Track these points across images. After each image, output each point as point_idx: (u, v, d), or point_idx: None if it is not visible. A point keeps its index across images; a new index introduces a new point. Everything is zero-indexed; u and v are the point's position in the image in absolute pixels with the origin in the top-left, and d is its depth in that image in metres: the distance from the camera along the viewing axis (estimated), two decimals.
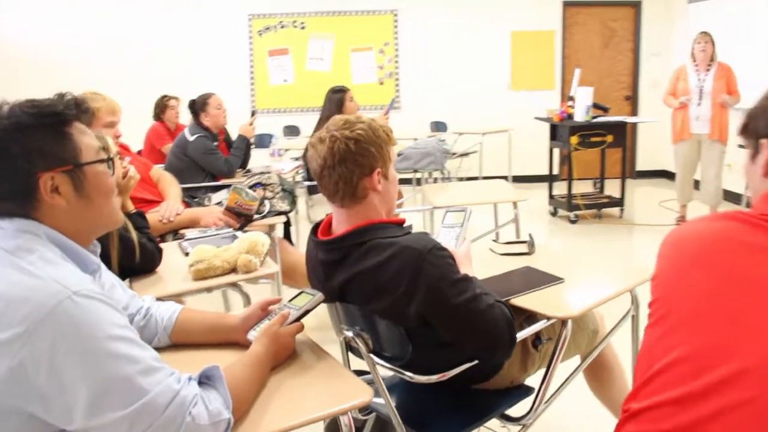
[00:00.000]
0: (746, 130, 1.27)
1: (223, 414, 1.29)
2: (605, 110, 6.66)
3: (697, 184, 6.32)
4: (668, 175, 8.87)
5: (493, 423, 2.13)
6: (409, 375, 1.85)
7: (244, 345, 1.73)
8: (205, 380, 1.35)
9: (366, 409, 2.19)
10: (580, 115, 6.28)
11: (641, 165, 9.17)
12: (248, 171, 5.09)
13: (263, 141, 7.76)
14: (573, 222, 6.54)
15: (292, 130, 8.47)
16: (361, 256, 1.80)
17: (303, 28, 8.74)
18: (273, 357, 1.62)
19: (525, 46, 8.84)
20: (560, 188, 7.08)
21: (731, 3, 7.43)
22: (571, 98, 6.46)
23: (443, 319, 1.74)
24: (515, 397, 2.12)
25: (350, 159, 1.79)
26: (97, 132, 2.59)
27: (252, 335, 1.72)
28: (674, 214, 6.67)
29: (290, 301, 1.80)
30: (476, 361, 1.85)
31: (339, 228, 1.89)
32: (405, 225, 1.91)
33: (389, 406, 1.89)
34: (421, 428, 1.98)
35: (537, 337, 2.15)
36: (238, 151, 4.95)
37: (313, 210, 4.92)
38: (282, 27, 8.73)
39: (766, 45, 6.64)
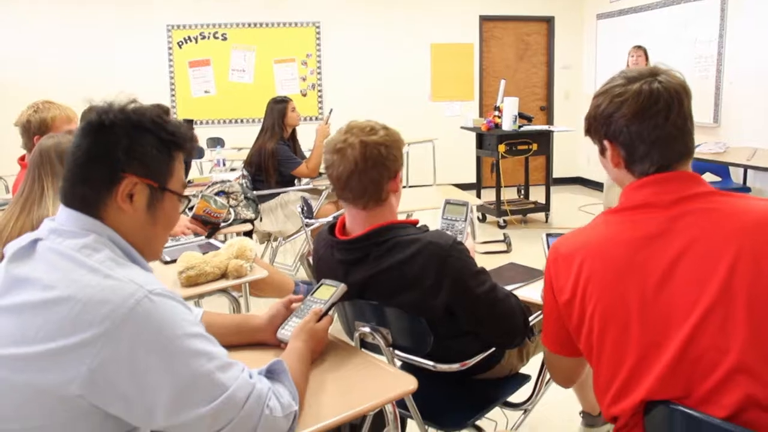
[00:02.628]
0: (590, 132, 1.47)
1: (293, 405, 1.34)
2: (529, 120, 6.95)
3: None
4: (582, 182, 9.31)
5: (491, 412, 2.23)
6: (431, 364, 1.93)
7: (272, 345, 1.77)
8: (269, 375, 1.39)
9: None
10: (507, 125, 6.52)
11: (557, 172, 9.56)
12: (190, 182, 5.03)
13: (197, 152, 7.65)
14: (502, 227, 6.78)
15: (216, 142, 8.35)
16: (384, 253, 1.86)
17: (224, 39, 8.66)
18: (312, 352, 1.67)
19: (445, 58, 9.08)
20: (485, 195, 7.30)
21: (634, 19, 7.94)
22: (497, 108, 6.69)
23: (468, 309, 1.84)
24: (515, 385, 2.23)
25: (381, 163, 1.86)
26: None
27: (283, 334, 1.75)
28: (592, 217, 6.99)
29: (312, 294, 1.83)
30: (494, 348, 1.96)
31: (355, 229, 1.94)
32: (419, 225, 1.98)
33: (409, 399, 1.95)
34: (432, 419, 2.05)
35: (531, 330, 2.27)
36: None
37: (263, 219, 4.89)
38: (203, 38, 8.62)
39: (662, 58, 7.11)
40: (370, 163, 1.84)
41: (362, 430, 2.33)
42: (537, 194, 7.40)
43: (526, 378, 2.27)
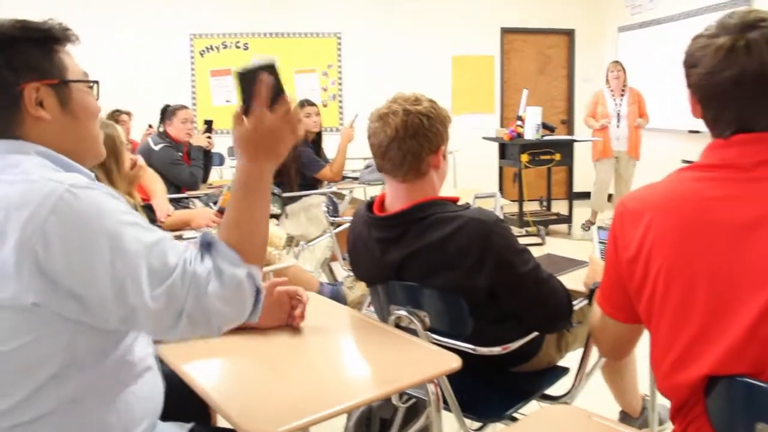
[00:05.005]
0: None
1: (236, 274, 1.20)
2: (552, 130, 6.90)
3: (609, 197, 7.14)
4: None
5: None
6: (471, 347, 1.86)
7: (256, 327, 1.71)
8: (207, 251, 1.23)
9: (403, 396, 2.17)
10: (530, 134, 6.47)
11: (579, 186, 9.49)
12: (210, 185, 5.01)
13: (213, 159, 7.64)
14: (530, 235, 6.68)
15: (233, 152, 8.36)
16: (423, 230, 1.80)
17: (246, 48, 8.68)
18: (263, 157, 1.28)
19: (466, 71, 9.06)
20: (507, 208, 7.23)
21: (656, 32, 7.89)
22: (520, 118, 6.64)
23: (511, 289, 1.78)
24: (553, 377, 2.16)
25: (421, 134, 1.81)
26: (106, 120, 2.52)
27: None
28: None
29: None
30: (536, 334, 1.89)
31: (395, 204, 1.89)
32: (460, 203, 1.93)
33: (446, 386, 1.88)
34: (469, 409, 1.98)
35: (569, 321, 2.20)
36: (198, 162, 4.87)
37: (281, 222, 4.85)
38: (225, 47, 8.65)
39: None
40: (410, 132, 1.80)
41: (394, 422, 2.27)
42: (559, 207, 7.32)
43: (564, 370, 2.19)
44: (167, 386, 1.51)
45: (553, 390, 2.14)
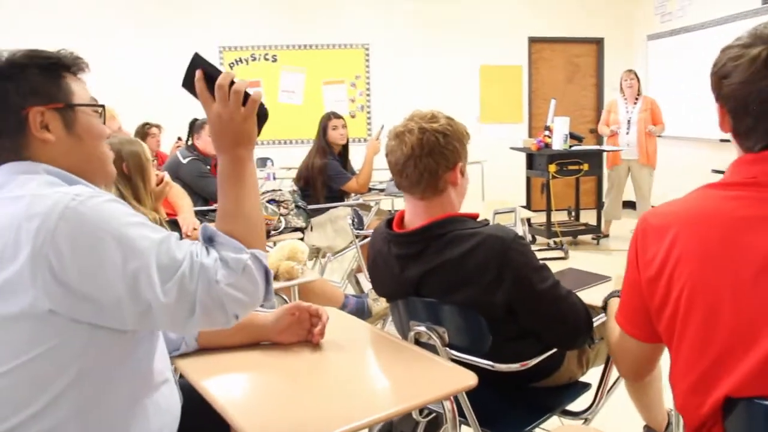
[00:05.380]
0: (712, 88, 1.33)
1: (241, 259, 1.23)
2: (580, 140, 6.85)
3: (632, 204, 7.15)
4: (633, 206, 9.12)
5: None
6: (489, 364, 1.86)
7: (276, 342, 1.77)
8: (210, 243, 1.28)
9: (423, 411, 2.17)
10: (558, 144, 6.43)
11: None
12: None
13: None
14: (553, 249, 6.64)
15: (264, 162, 8.43)
16: (443, 247, 1.81)
17: (275, 60, 8.77)
18: (232, 144, 1.32)
19: (493, 80, 9.04)
20: (535, 217, 7.19)
21: (686, 40, 7.81)
22: (548, 128, 6.61)
23: (530, 306, 1.77)
24: (575, 393, 2.15)
25: (437, 151, 1.83)
26: (132, 138, 2.57)
27: None
28: None
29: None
30: (554, 350, 1.88)
31: (414, 221, 1.90)
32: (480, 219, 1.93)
33: (465, 401, 1.88)
34: (488, 424, 1.98)
35: (590, 337, 2.18)
36: None
37: (307, 234, 4.87)
38: (253, 59, 8.75)
39: None
40: (426, 150, 1.82)
41: None
42: (588, 217, 7.27)
43: (586, 386, 2.18)
44: (186, 400, 1.54)
45: (575, 406, 2.13)
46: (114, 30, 8.37)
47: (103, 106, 1.42)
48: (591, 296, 2.13)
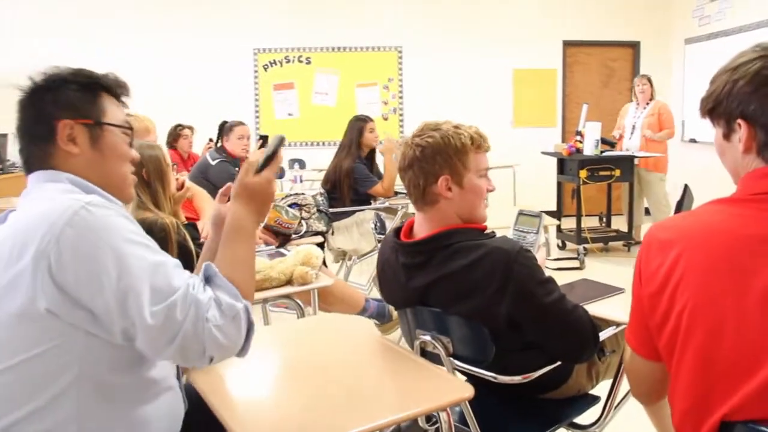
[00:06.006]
0: (715, 112, 1.31)
1: (234, 306, 1.29)
2: (612, 145, 6.77)
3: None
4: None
5: None
6: (491, 375, 1.86)
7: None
8: (208, 282, 1.34)
9: (431, 419, 2.18)
10: (589, 149, 6.37)
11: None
12: None
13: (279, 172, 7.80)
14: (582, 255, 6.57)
15: (297, 164, 8.50)
16: (447, 258, 1.82)
17: (308, 62, 8.84)
18: (256, 211, 1.47)
19: (527, 84, 8.98)
20: (565, 223, 7.14)
21: (725, 43, 7.66)
22: (579, 133, 6.55)
23: (533, 319, 1.77)
24: (583, 406, 2.13)
25: (416, 165, 1.87)
26: (152, 143, 2.62)
27: None
28: None
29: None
30: (558, 363, 1.87)
31: (420, 231, 1.92)
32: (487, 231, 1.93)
33: (468, 412, 1.88)
34: None
35: (600, 349, 2.16)
36: None
37: (333, 237, 4.90)
38: (287, 61, 8.82)
39: None
40: (407, 163, 1.89)
41: None
42: (619, 224, 7.18)
43: (595, 399, 2.16)
44: (193, 405, 1.57)
45: (583, 419, 2.11)
46: (148, 33, 8.51)
47: (131, 129, 1.49)
48: (602, 308, 2.12)
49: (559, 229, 7.01)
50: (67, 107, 1.38)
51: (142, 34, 8.50)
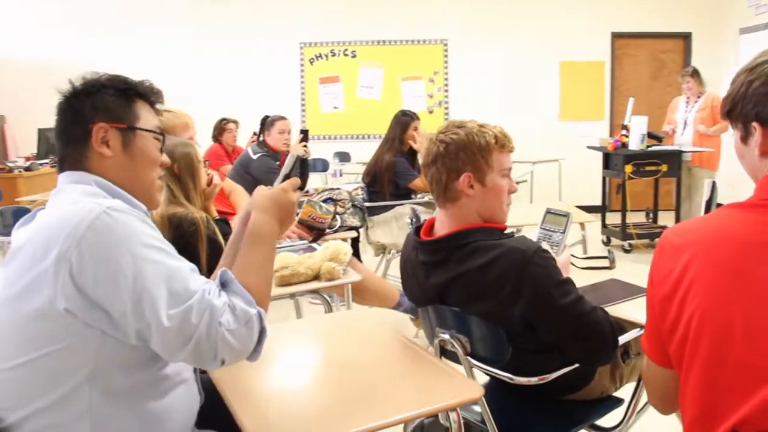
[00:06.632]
0: (732, 114, 1.28)
1: (248, 312, 1.32)
2: (659, 140, 6.64)
3: None
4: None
5: None
6: (508, 376, 1.86)
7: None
8: (223, 287, 1.37)
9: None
10: (634, 144, 6.26)
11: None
12: (307, 191, 5.16)
13: (316, 165, 7.89)
14: (627, 251, 6.48)
15: (342, 156, 8.56)
16: (464, 257, 1.82)
17: (354, 56, 8.88)
18: (276, 220, 1.51)
19: (574, 77, 8.86)
20: (611, 218, 7.03)
21: None
22: (625, 127, 6.43)
23: (548, 321, 1.76)
24: (606, 408, 2.11)
25: (439, 161, 1.88)
26: (185, 140, 2.68)
27: None
28: None
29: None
30: (577, 365, 1.86)
31: (441, 229, 1.93)
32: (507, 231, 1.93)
33: (485, 410, 1.88)
34: None
35: (625, 351, 2.14)
36: (294, 170, 5.00)
37: (372, 231, 4.94)
38: (333, 55, 8.88)
39: None
40: (431, 159, 1.90)
41: None
42: (667, 220, 7.03)
43: (618, 401, 2.13)
44: (209, 396, 1.62)
45: (605, 421, 2.09)
46: (197, 29, 8.67)
47: (163, 135, 1.54)
48: (626, 310, 2.09)
49: (603, 224, 6.92)
50: (102, 111, 1.44)
51: (191, 29, 8.66)
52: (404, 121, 5.11)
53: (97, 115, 1.44)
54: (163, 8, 8.61)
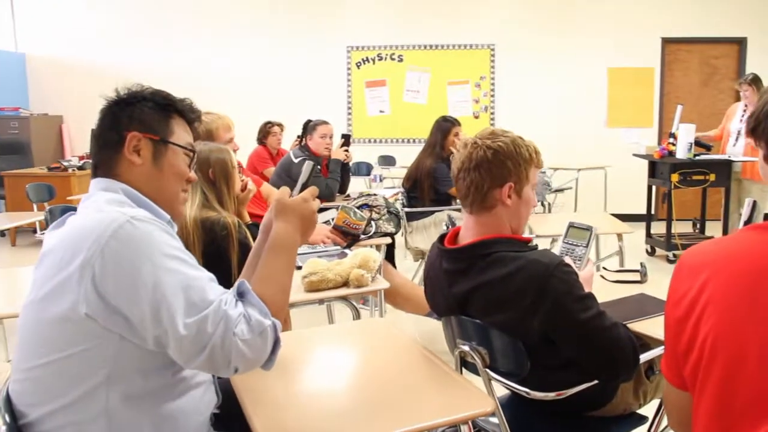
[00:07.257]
0: (756, 132, 1.25)
1: (263, 323, 1.36)
2: (708, 149, 6.49)
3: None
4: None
5: None
6: (525, 390, 1.86)
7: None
8: (240, 298, 1.41)
9: (475, 426, 2.19)
10: (681, 153, 6.14)
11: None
12: (348, 196, 5.21)
13: (360, 169, 7.94)
14: (671, 262, 6.36)
15: (387, 160, 8.60)
16: (486, 267, 1.83)
17: (400, 60, 8.91)
18: (296, 230, 1.54)
19: (622, 83, 8.73)
20: (657, 227, 6.91)
21: None
22: (672, 135, 6.32)
23: (567, 335, 1.76)
24: (629, 425, 2.09)
25: (484, 167, 1.85)
26: (221, 146, 2.74)
27: None
28: None
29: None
30: (596, 381, 1.85)
31: (466, 237, 1.94)
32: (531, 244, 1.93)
33: (502, 423, 1.89)
34: None
35: (650, 368, 2.12)
36: (335, 174, 5.06)
37: (411, 237, 4.96)
38: (380, 59, 8.93)
39: None
40: (474, 164, 1.86)
41: None
42: (714, 230, 6.88)
43: (642, 419, 2.11)
44: (227, 398, 1.66)
45: None
46: (244, 32, 8.81)
47: (194, 151, 1.60)
48: (650, 327, 2.07)
49: (648, 234, 6.80)
50: (138, 121, 1.51)
51: (240, 34, 8.81)
52: (445, 126, 5.12)
53: (133, 125, 1.50)
54: (213, 14, 8.78)
